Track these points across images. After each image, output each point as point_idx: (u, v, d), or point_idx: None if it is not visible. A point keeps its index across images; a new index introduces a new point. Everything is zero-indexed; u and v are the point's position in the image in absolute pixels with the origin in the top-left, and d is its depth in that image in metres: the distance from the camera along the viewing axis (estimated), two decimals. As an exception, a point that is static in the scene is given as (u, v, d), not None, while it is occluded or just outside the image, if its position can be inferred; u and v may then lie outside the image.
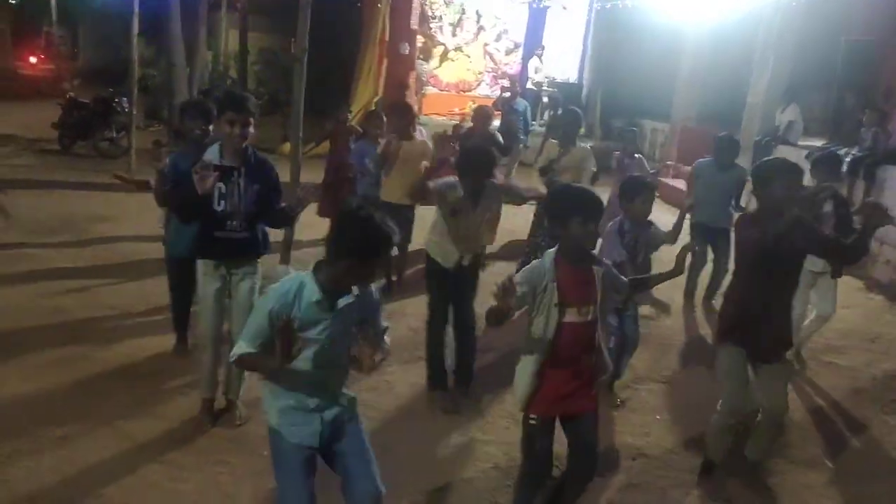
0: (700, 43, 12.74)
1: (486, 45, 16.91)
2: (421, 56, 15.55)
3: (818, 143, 9.78)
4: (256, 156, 3.77)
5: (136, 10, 11.04)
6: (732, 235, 3.76)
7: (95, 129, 12.08)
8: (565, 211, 2.89)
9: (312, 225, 6.81)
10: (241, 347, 2.57)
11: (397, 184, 6.03)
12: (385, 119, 6.85)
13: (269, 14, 21.18)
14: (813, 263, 4.79)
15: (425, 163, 5.75)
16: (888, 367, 5.54)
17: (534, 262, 3.01)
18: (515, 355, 3.11)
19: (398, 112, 6.54)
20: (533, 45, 16.09)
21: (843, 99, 10.11)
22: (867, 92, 10.47)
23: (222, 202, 3.63)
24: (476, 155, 4.31)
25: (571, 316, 2.86)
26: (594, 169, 6.50)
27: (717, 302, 6.27)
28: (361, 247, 2.45)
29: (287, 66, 22.23)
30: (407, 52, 14.02)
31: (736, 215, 5.68)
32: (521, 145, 11.22)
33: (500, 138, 7.78)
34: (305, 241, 6.85)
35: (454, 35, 16.68)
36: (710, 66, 12.75)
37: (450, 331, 4.47)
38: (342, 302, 2.53)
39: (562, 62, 16.79)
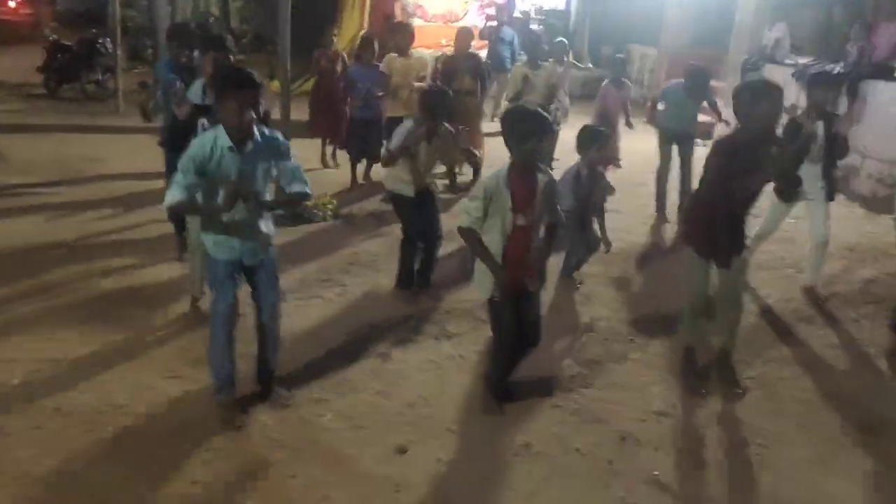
0: (688, -37, 12.58)
1: (472, -27, 16.58)
2: (406, -13, 15.29)
3: (805, 60, 9.78)
4: None
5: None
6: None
7: (81, 72, 11.98)
8: (520, 133, 3.34)
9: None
10: (172, 195, 3.18)
11: (398, 99, 6.78)
12: (372, 43, 7.32)
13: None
14: (805, 191, 4.72)
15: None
16: (864, 273, 5.75)
17: (490, 175, 3.47)
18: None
19: (399, 30, 7.08)
20: (519, -28, 15.80)
21: (832, 14, 10.05)
22: (856, 7, 10.41)
23: None
24: (433, 97, 4.72)
25: (521, 219, 3.39)
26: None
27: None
28: (225, 83, 3.16)
29: (269, 1, 21.95)
30: (391, -19, 13.79)
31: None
32: (508, 75, 11.19)
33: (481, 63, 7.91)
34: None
35: (440, -37, 16.35)
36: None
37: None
38: (249, 146, 3.19)
39: (549, -12, 16.52)
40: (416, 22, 15.71)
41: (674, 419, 3.68)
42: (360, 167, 7.63)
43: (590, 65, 14.89)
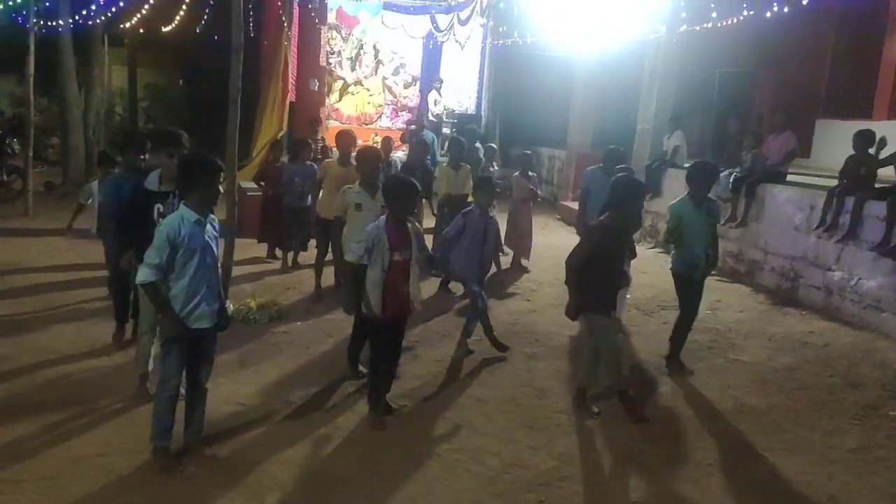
0: (590, 75, 13.66)
1: (384, 78, 17.33)
2: (322, 90, 15.79)
3: (703, 165, 10.72)
4: None
5: (32, 48, 10.77)
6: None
7: (-14, 174, 11.62)
8: (394, 195, 4.54)
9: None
10: (146, 274, 3.68)
11: (329, 202, 6.90)
12: (309, 145, 8.79)
13: (154, 50, 20.80)
14: None
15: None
16: (785, 361, 6.21)
17: (372, 224, 4.53)
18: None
19: (344, 138, 7.60)
20: (430, 78, 16.63)
21: (724, 124, 11.14)
22: (742, 117, 11.61)
23: (160, 220, 4.29)
24: (366, 153, 5.73)
25: (396, 256, 4.44)
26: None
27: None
28: (203, 173, 3.75)
29: (175, 101, 21.99)
30: (316, 88, 14.24)
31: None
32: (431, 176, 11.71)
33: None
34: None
35: (353, 70, 17.02)
36: (601, 96, 13.70)
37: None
38: (207, 219, 3.83)
39: (460, 94, 17.44)
40: (332, 123, 16.27)
41: (650, 508, 3.85)
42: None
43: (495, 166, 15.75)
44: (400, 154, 13.13)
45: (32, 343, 5.63)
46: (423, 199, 8.36)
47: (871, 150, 7.44)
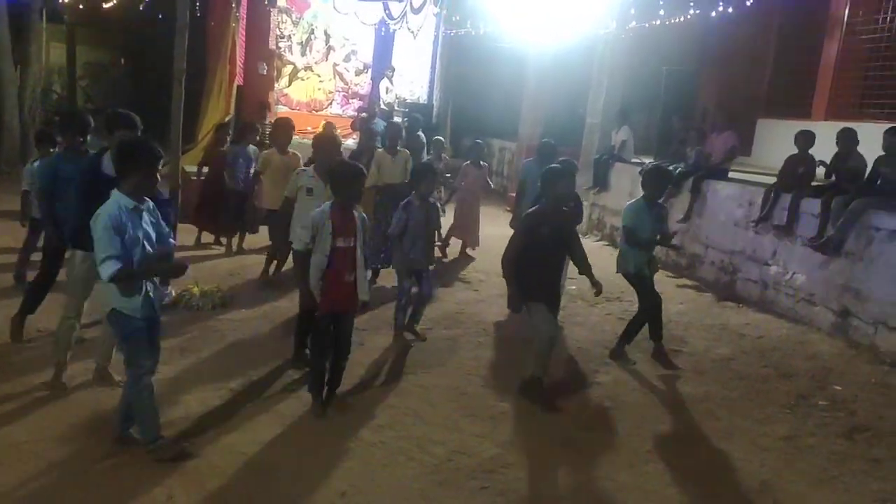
0: (543, 67, 13.72)
1: (335, 65, 17.12)
2: (271, 75, 15.50)
3: (648, 159, 10.93)
4: None
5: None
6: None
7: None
8: (341, 181, 4.44)
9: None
10: (110, 266, 3.46)
11: (274, 192, 6.97)
12: (257, 129, 8.77)
13: (95, 26, 20.11)
14: None
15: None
16: (722, 351, 6.41)
17: (317, 210, 4.48)
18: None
19: (280, 127, 7.54)
20: (382, 66, 16.47)
21: (669, 121, 11.35)
22: (686, 115, 11.86)
23: None
24: (322, 140, 5.83)
25: (340, 242, 4.37)
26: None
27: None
28: (141, 160, 3.62)
29: (116, 81, 21.31)
30: (265, 72, 13.98)
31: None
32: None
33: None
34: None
35: (303, 55, 16.76)
36: (553, 89, 13.79)
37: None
38: (144, 207, 3.70)
39: (412, 83, 17.34)
40: (281, 109, 16.00)
41: (597, 493, 3.93)
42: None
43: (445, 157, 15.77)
44: (350, 142, 13.04)
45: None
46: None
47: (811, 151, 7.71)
